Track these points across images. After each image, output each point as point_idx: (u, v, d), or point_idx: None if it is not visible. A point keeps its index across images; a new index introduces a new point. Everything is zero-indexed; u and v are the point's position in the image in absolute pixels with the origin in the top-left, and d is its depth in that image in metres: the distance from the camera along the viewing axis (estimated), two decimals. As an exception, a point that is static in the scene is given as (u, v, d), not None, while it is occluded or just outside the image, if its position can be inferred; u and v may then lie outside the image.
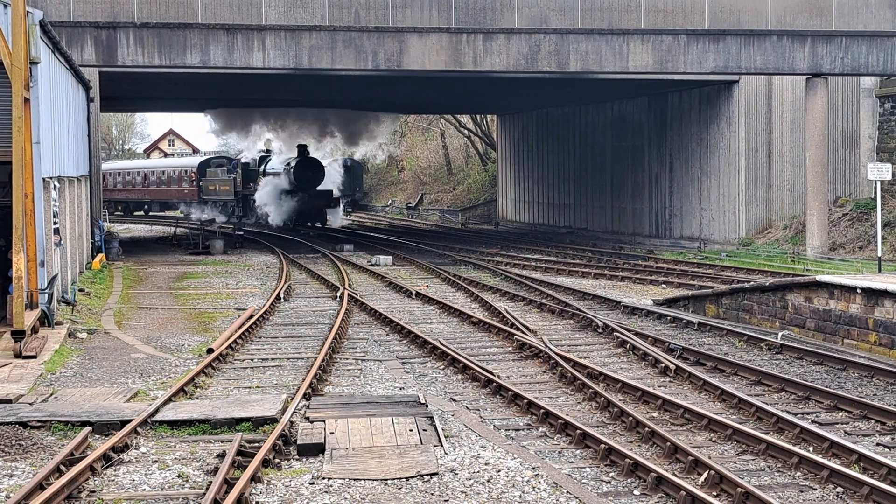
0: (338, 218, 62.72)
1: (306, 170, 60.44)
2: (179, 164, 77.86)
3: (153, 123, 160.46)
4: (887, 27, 37.64)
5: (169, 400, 14.74)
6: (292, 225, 59.82)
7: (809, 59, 35.66)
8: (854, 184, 40.89)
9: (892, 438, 13.33)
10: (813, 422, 14.05)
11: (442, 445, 12.55)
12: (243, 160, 66.72)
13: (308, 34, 33.91)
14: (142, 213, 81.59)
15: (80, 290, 27.04)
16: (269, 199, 61.10)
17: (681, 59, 35.27)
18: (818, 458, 11.88)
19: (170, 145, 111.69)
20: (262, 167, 64.38)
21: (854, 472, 11.31)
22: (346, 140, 66.95)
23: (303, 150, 61.14)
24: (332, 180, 66.97)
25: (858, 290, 19.61)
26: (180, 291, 29.76)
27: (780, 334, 20.64)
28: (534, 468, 11.84)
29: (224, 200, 68.84)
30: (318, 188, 61.30)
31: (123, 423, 13.45)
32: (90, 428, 13.22)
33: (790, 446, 12.43)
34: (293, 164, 60.53)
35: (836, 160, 40.58)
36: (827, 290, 20.60)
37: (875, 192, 28.73)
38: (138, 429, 13.32)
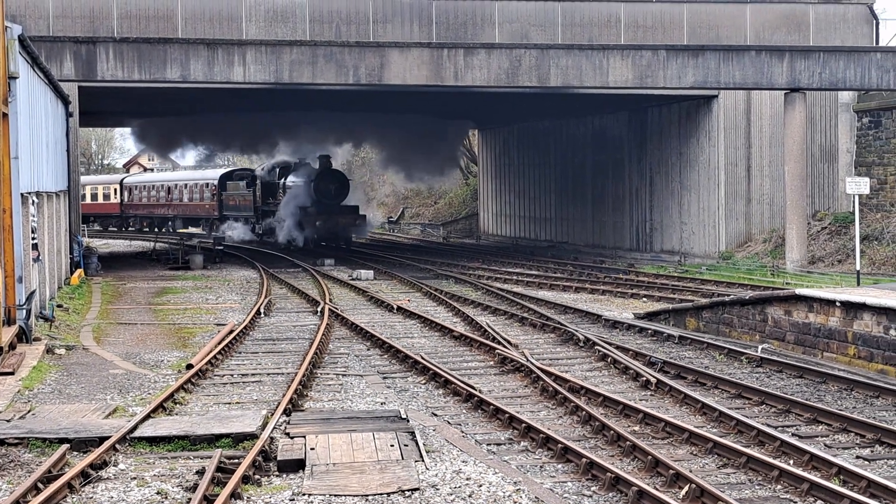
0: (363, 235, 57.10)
1: (328, 183, 54.75)
2: (202, 178, 71.83)
3: (133, 138, 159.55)
4: (865, 42, 37.96)
5: (148, 416, 14.64)
6: (314, 246, 53.23)
7: (788, 73, 35.86)
8: (833, 198, 41.10)
9: (872, 451, 13.36)
10: (793, 435, 14.08)
11: (423, 461, 12.51)
12: (262, 172, 61.09)
13: (289, 49, 33.91)
14: (167, 231, 73.60)
15: (59, 306, 26.89)
16: (290, 216, 54.76)
17: (660, 74, 35.42)
18: (798, 472, 11.89)
19: (149, 160, 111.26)
20: (282, 180, 58.56)
21: (834, 485, 11.33)
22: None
23: (325, 160, 55.52)
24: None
25: (837, 304, 19.67)
26: (159, 307, 29.63)
27: (760, 347, 20.69)
28: (515, 483, 11.81)
29: (245, 217, 63.17)
30: (342, 203, 55.08)
31: (102, 439, 13.34)
32: (68, 445, 13.11)
33: (771, 459, 12.44)
34: (314, 176, 54.96)
35: (814, 174, 40.78)
36: (806, 303, 20.67)
37: (853, 206, 28.87)
38: (117, 445, 13.22)
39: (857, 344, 19.16)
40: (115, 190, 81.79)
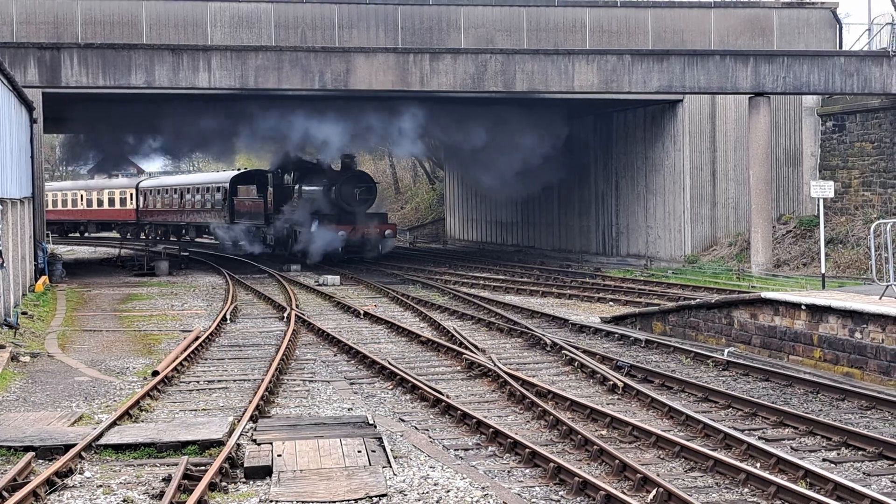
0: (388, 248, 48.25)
1: (353, 186, 47.08)
2: (212, 180, 63.42)
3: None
4: (828, 46, 38.28)
5: (114, 423, 14.53)
6: (339, 259, 46.27)
7: (752, 78, 36.10)
8: (797, 201, 41.41)
9: (838, 454, 13.45)
10: (760, 438, 14.15)
11: (391, 466, 12.48)
12: (275, 174, 53.02)
13: (254, 54, 33.79)
14: (184, 238, 67.11)
15: (23, 314, 26.65)
16: (306, 226, 47.34)
17: (626, 79, 35.56)
18: (765, 475, 11.94)
19: (114, 167, 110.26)
20: (298, 184, 50.71)
21: (801, 488, 11.39)
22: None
23: (349, 161, 48.13)
24: None
25: (803, 307, 19.80)
26: (125, 313, 29.43)
27: (726, 351, 20.79)
28: (483, 488, 11.81)
29: (255, 226, 54.74)
30: (369, 211, 48.17)
31: (67, 447, 13.24)
32: (33, 453, 12.98)
33: (738, 463, 12.49)
34: (336, 179, 47.45)
35: (779, 178, 41.08)
36: (772, 306, 20.79)
37: (818, 210, 29.08)
38: (83, 453, 13.12)
39: (822, 347, 19.29)
40: (131, 195, 74.32)
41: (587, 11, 38.10)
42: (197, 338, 23.03)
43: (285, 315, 27.64)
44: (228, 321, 27.02)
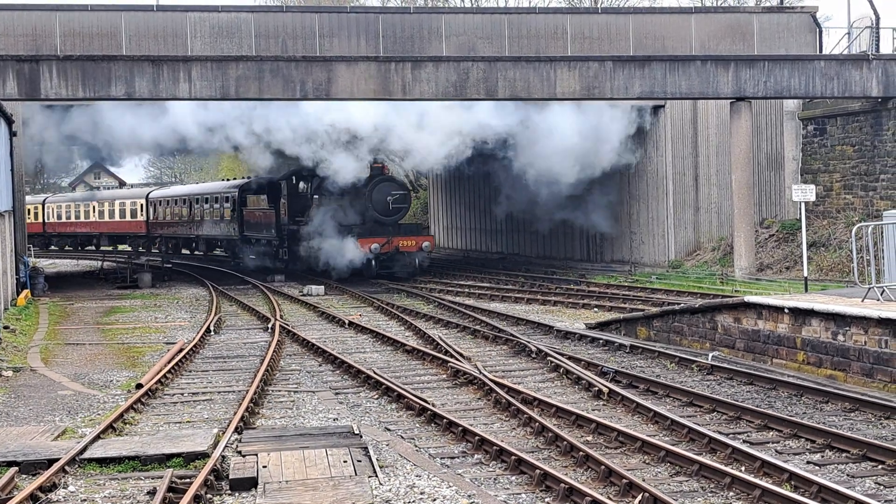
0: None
1: (385, 194, 41.98)
2: (218, 190, 57.69)
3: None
4: (808, 51, 38.39)
5: (98, 437, 14.47)
6: (370, 276, 41.77)
7: (733, 83, 36.20)
8: (780, 205, 41.51)
9: (822, 456, 13.48)
10: (744, 441, 14.17)
11: (377, 476, 12.45)
12: (289, 182, 47.53)
13: (235, 64, 33.73)
14: (197, 252, 62.62)
15: (5, 328, 26.51)
16: (328, 239, 42.51)
17: (607, 85, 35.62)
18: (750, 478, 11.97)
19: (95, 178, 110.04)
20: (317, 193, 44.80)
21: (785, 491, 11.40)
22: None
23: (379, 167, 42.80)
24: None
25: (786, 311, 19.85)
26: (108, 326, 29.31)
27: (710, 355, 20.83)
28: (469, 496, 11.79)
29: (267, 239, 49.52)
30: (402, 222, 43.43)
31: (51, 461, 13.18)
32: (17, 468, 12.91)
33: (723, 467, 12.51)
34: (366, 186, 42.28)
35: (761, 182, 41.19)
36: (755, 310, 20.84)
37: (800, 214, 29.17)
38: (66, 467, 13.06)
39: (805, 350, 19.33)
40: (142, 206, 69.20)
41: (568, 18, 38.13)
42: (181, 350, 22.96)
43: (270, 326, 27.57)
44: (212, 333, 26.94)
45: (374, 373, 19.46)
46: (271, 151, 44.74)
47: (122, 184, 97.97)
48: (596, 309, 30.69)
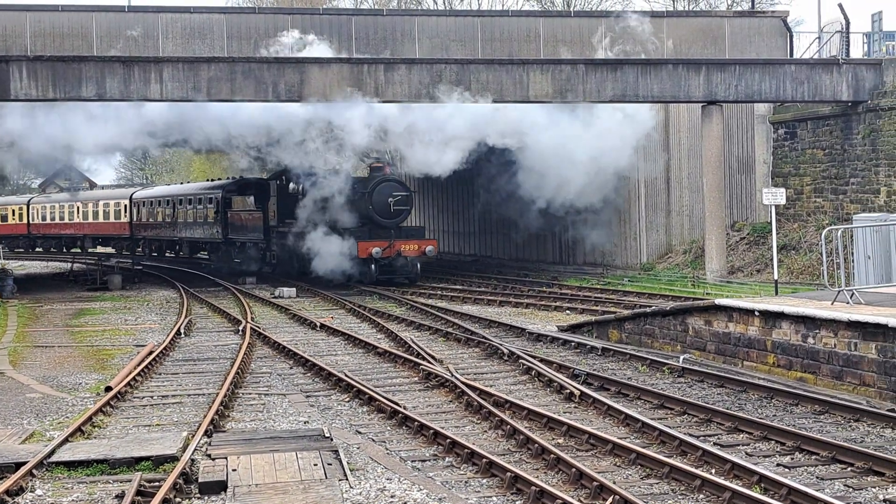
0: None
1: (386, 195, 39.89)
2: (201, 190, 55.65)
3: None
4: (779, 55, 38.57)
5: (66, 440, 14.35)
6: (370, 281, 39.68)
7: (705, 86, 36.35)
8: (751, 208, 41.71)
9: (792, 458, 13.53)
10: (715, 444, 14.20)
11: (347, 479, 12.40)
12: (279, 182, 45.12)
13: (206, 65, 33.57)
14: (181, 255, 60.69)
15: (-26, 330, 26.28)
16: (319, 242, 40.23)
17: (580, 88, 35.69)
18: (720, 480, 11.99)
19: (65, 180, 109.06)
20: (309, 193, 41.72)
21: (755, 493, 11.43)
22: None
23: (378, 167, 41.25)
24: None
25: (756, 313, 19.93)
26: (77, 329, 29.11)
27: (681, 358, 20.88)
28: (440, 499, 11.76)
29: (253, 242, 47.44)
30: (403, 225, 41.55)
31: (18, 465, 13.06)
32: (-18, 472, 12.80)
33: (693, 469, 12.54)
34: (366, 186, 40.26)
35: (732, 185, 41.37)
36: (726, 313, 20.91)
37: (770, 217, 29.31)
38: (34, 471, 12.95)
39: (776, 352, 19.41)
40: (125, 207, 67.30)
41: (541, 21, 38.16)
42: (151, 352, 22.83)
43: (240, 328, 27.45)
44: (183, 335, 26.80)
45: (346, 375, 19.40)
46: (248, 153, 43.61)
47: (92, 185, 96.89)
48: (568, 311, 30.73)
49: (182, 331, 27.11)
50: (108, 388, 18.46)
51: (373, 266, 39.31)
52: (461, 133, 36.38)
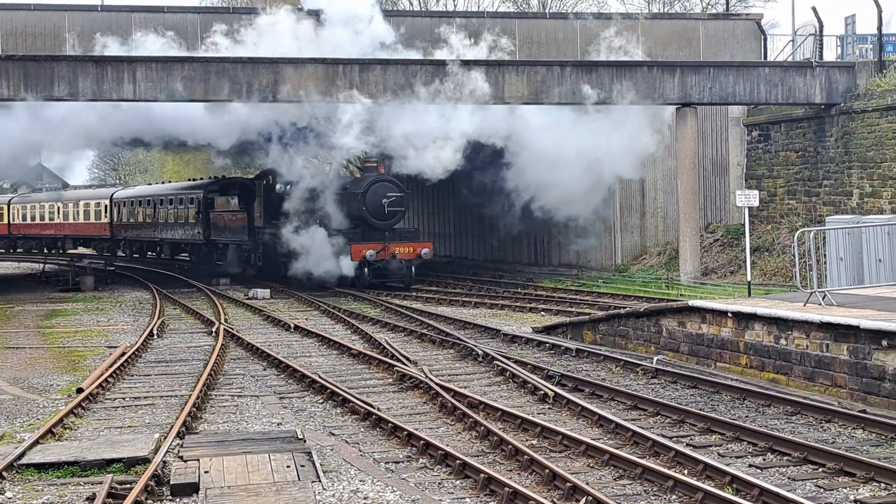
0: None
1: (381, 195, 38.26)
2: (182, 190, 54.35)
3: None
4: (753, 57, 38.81)
5: (36, 442, 14.25)
6: (363, 285, 38.32)
7: (679, 89, 36.46)
8: (725, 210, 41.91)
9: (764, 459, 13.57)
10: (687, 445, 14.24)
11: (320, 481, 12.36)
12: (265, 182, 43.81)
13: (180, 66, 33.40)
14: (163, 257, 59.91)
15: (-56, 331, 26.07)
16: (308, 243, 38.71)
17: (555, 90, 35.72)
18: (692, 481, 12.02)
19: (39, 180, 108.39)
20: (295, 193, 40.14)
21: (727, 494, 11.46)
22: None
23: (373, 165, 39.19)
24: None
25: (729, 315, 20.00)
26: (49, 330, 28.92)
27: (655, 359, 20.93)
28: (413, 501, 11.74)
29: (237, 243, 46.27)
30: (397, 227, 39.94)
31: (-13, 467, 12.95)
32: (-49, 474, 12.68)
33: (666, 470, 12.56)
34: (360, 186, 38.71)
35: (706, 187, 41.53)
36: (699, 314, 20.97)
37: (744, 219, 29.44)
38: (4, 473, 12.85)
39: (748, 354, 19.49)
40: (105, 207, 66.07)
41: (516, 23, 38.26)
42: (123, 354, 22.70)
43: (214, 330, 27.34)
44: (155, 336, 26.67)
45: (319, 377, 19.35)
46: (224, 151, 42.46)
47: (65, 185, 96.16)
48: (543, 313, 30.76)
49: (155, 332, 26.98)
50: (80, 390, 18.33)
51: (366, 269, 38.07)
52: (450, 133, 36.12)
